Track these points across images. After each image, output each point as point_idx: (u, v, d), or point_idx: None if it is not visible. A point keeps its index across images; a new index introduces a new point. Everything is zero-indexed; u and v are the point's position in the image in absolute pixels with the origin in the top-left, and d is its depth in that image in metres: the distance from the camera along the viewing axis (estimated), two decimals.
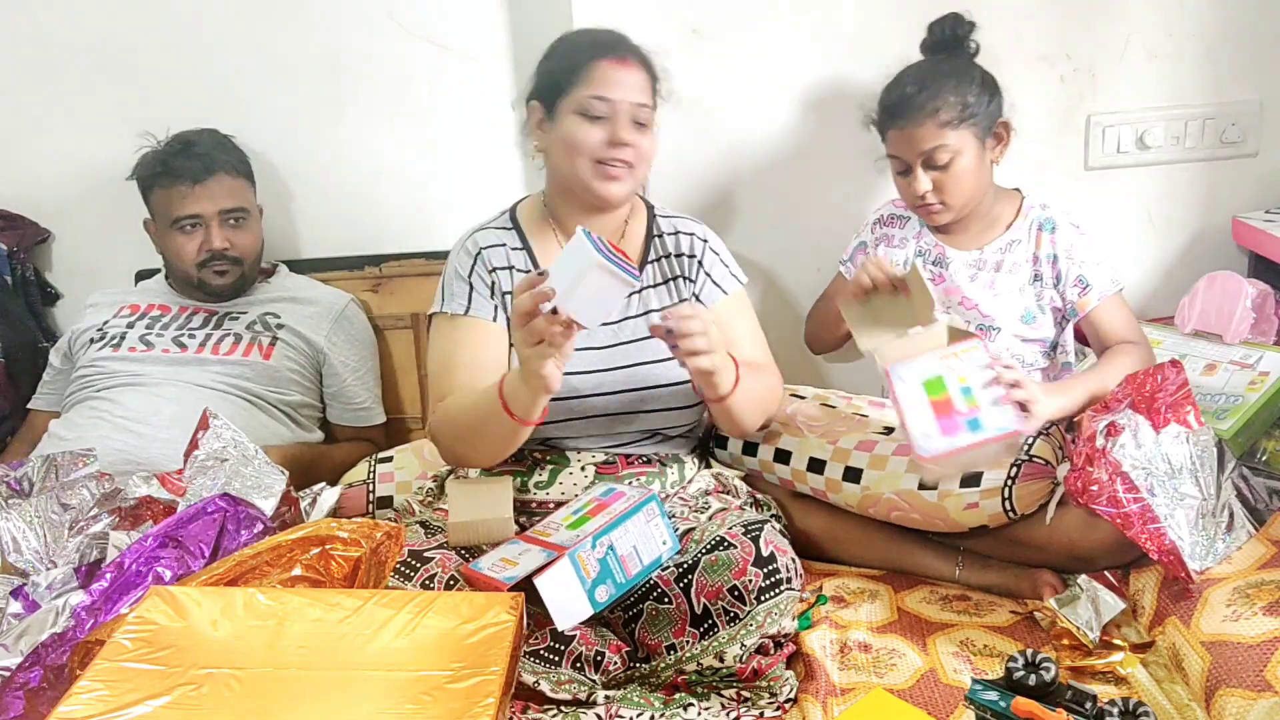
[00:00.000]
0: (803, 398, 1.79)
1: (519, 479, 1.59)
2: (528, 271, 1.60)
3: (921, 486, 1.54)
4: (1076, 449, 1.48)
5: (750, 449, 1.72)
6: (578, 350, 1.48)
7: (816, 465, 1.64)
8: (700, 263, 1.64)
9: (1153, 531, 1.37)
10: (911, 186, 1.70)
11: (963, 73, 1.68)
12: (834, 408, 1.76)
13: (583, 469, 1.59)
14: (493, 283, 1.60)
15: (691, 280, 1.64)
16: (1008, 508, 1.50)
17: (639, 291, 1.63)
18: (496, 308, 1.59)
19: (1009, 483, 1.49)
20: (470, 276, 1.59)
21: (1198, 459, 1.43)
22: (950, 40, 1.73)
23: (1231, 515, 1.43)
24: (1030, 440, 1.53)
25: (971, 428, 1.42)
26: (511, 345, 1.55)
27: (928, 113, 1.65)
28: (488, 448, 1.50)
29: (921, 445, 1.43)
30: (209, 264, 1.97)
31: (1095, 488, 1.40)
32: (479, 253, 1.61)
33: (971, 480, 1.51)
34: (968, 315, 1.75)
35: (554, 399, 1.43)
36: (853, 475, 1.60)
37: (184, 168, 1.94)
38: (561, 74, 1.57)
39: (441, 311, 1.60)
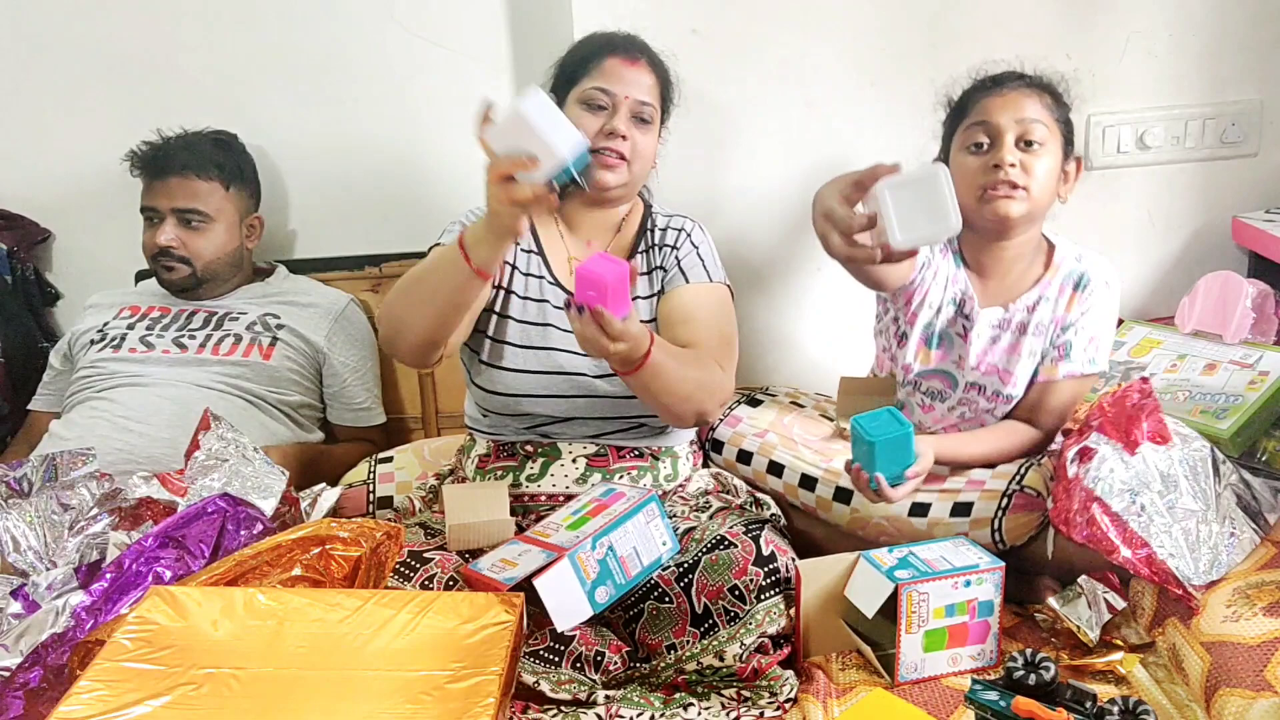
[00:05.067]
0: (802, 406, 1.78)
1: (511, 474, 1.59)
2: (529, 251, 1.64)
3: (911, 514, 1.54)
4: (1055, 482, 1.45)
5: (745, 458, 1.71)
6: (519, 348, 1.57)
7: (808, 482, 1.63)
8: (676, 252, 1.65)
9: (1142, 557, 1.35)
10: (996, 156, 1.52)
11: (1061, 96, 1.61)
12: (803, 406, 1.77)
13: (574, 461, 1.60)
14: None
15: (665, 270, 1.65)
16: (997, 539, 1.49)
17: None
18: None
19: (999, 514, 1.49)
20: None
21: (1192, 469, 1.41)
22: None
23: (1234, 523, 1.42)
24: (1022, 470, 1.52)
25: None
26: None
27: (1037, 90, 1.56)
28: (435, 302, 1.45)
29: None
30: (158, 258, 1.99)
31: (1076, 518, 1.37)
32: None
33: (961, 510, 1.51)
34: (983, 381, 1.63)
35: (508, 396, 1.53)
36: (843, 496, 1.60)
37: (150, 163, 1.99)
38: (573, 67, 1.62)
39: (437, 243, 1.61)
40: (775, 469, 1.67)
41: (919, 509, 1.53)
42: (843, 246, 1.37)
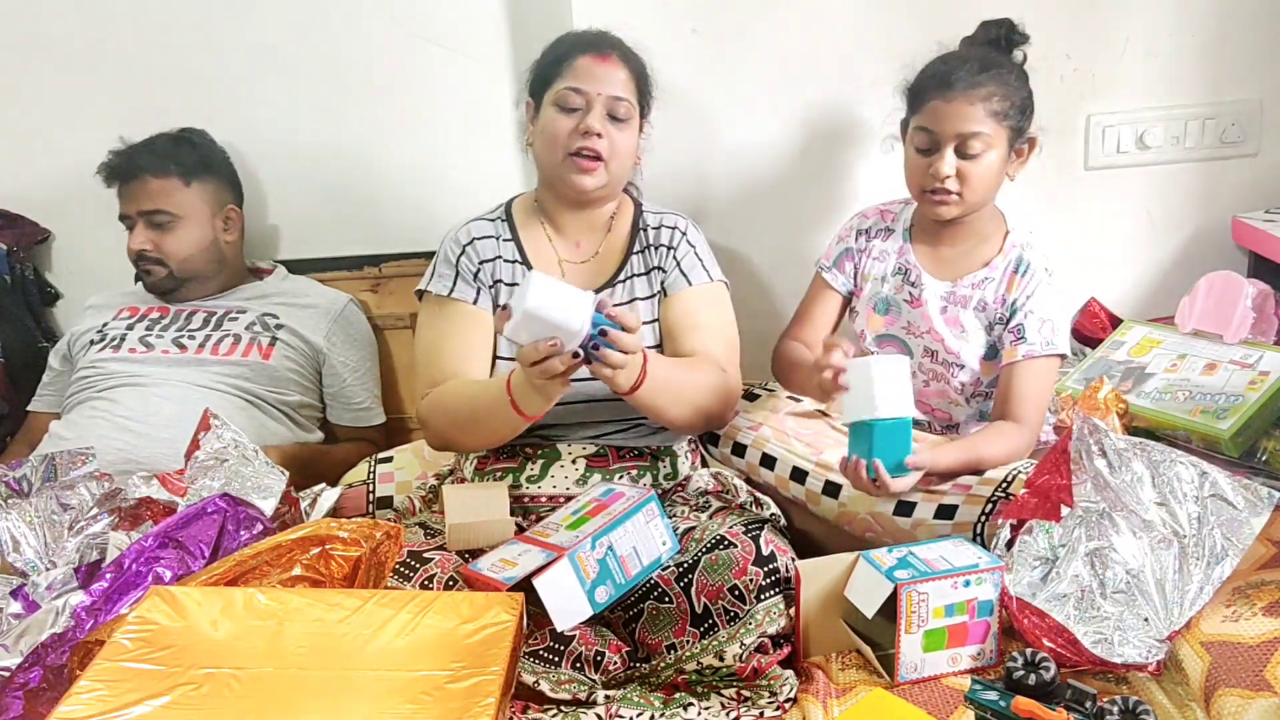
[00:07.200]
0: (798, 400, 1.79)
1: (511, 475, 1.60)
2: (514, 261, 1.66)
3: (896, 512, 1.54)
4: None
5: (739, 450, 1.72)
6: (512, 361, 1.55)
7: (799, 475, 1.64)
8: (674, 252, 1.66)
9: (1066, 645, 1.29)
10: (934, 167, 1.61)
11: (1018, 75, 1.66)
12: (799, 401, 1.78)
13: (573, 462, 1.60)
14: (477, 271, 1.65)
15: (664, 270, 1.66)
16: (979, 545, 1.48)
17: (625, 280, 1.66)
18: (479, 291, 1.64)
19: (982, 518, 1.48)
20: (458, 263, 1.65)
21: (1170, 491, 1.34)
22: (998, 42, 1.70)
23: (1221, 540, 1.36)
24: (1009, 478, 1.51)
25: None
26: (497, 333, 1.62)
27: (982, 95, 1.59)
28: (486, 437, 1.56)
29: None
30: (138, 263, 2.01)
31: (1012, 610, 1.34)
32: (470, 242, 1.66)
33: (945, 513, 1.51)
34: (934, 347, 1.72)
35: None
36: (832, 490, 1.60)
37: (116, 171, 1.99)
38: (546, 69, 1.63)
39: (428, 290, 1.65)
40: (768, 461, 1.68)
41: (905, 507, 1.54)
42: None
